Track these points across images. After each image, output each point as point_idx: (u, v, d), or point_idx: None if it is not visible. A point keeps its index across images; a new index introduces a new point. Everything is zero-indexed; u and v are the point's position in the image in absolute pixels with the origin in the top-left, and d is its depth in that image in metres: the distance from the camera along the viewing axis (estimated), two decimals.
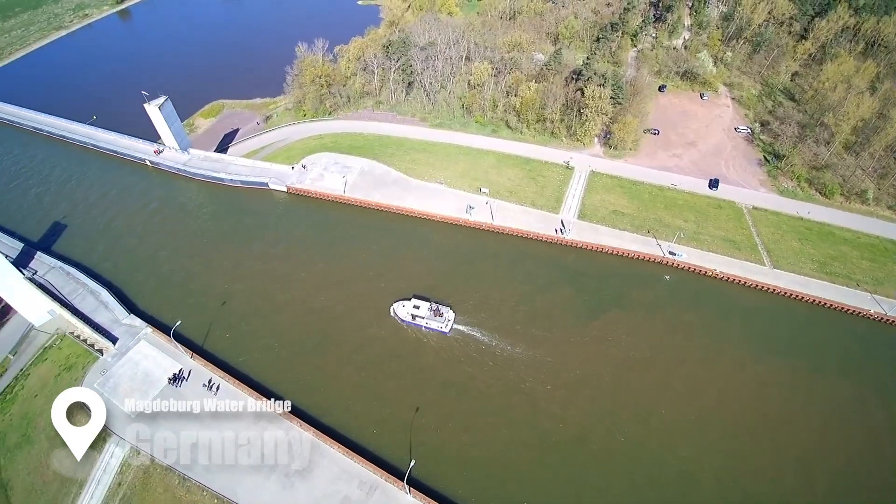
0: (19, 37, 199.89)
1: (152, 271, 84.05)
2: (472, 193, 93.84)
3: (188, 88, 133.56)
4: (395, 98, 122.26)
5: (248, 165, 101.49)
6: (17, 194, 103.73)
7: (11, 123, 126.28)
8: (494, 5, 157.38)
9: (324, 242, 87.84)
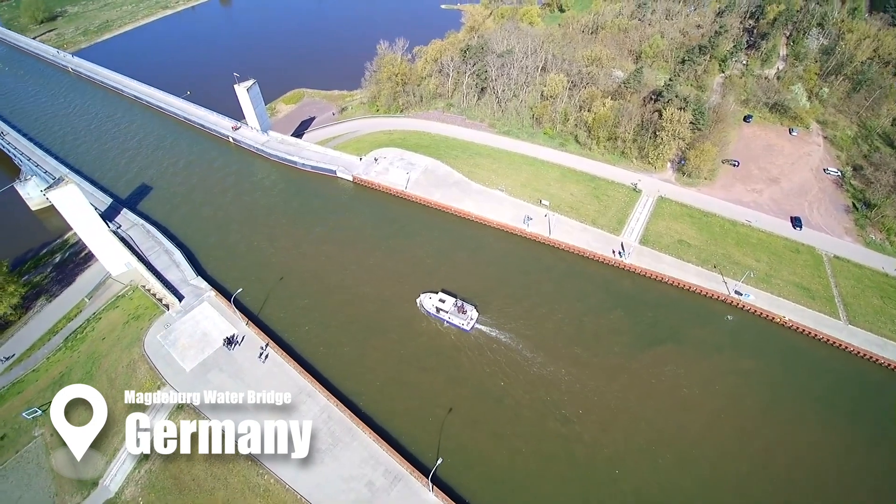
0: (129, 12, 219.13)
1: (222, 239, 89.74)
2: (532, 204, 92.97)
3: (275, 75, 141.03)
4: (466, 102, 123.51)
5: (320, 152, 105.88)
6: (114, 154, 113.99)
7: (116, 90, 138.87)
8: (577, 19, 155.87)
9: (381, 234, 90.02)
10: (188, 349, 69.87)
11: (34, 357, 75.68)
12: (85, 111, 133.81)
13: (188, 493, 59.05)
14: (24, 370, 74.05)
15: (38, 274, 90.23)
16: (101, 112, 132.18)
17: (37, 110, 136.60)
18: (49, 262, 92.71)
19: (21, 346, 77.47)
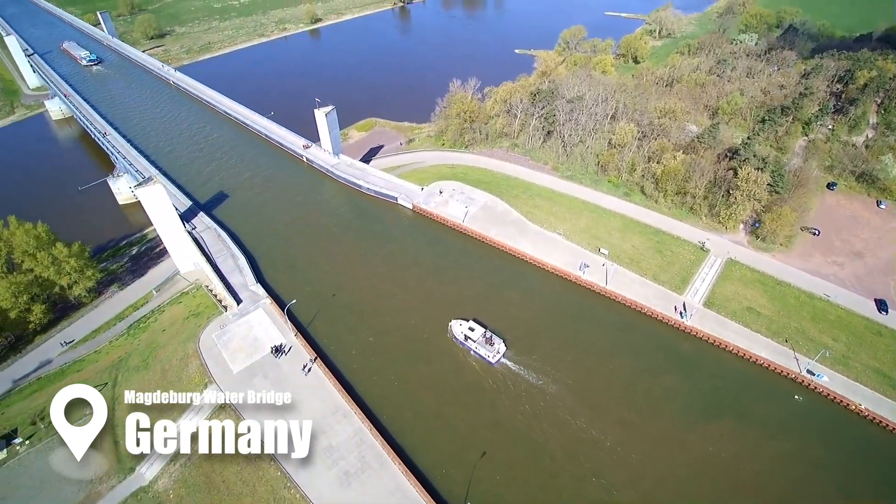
0: (229, 37, 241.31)
1: (284, 251, 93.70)
2: (590, 252, 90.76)
3: (351, 103, 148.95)
4: (531, 143, 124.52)
5: (385, 179, 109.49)
6: (200, 162, 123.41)
7: (209, 105, 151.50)
8: (652, 70, 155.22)
9: (434, 264, 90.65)
10: (238, 352, 72.15)
11: (98, 339, 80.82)
12: (179, 121, 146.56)
13: (216, 494, 59.52)
14: (88, 350, 79.02)
15: (114, 263, 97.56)
16: (194, 123, 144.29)
17: (137, 115, 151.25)
18: (126, 253, 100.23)
19: (88, 328, 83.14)
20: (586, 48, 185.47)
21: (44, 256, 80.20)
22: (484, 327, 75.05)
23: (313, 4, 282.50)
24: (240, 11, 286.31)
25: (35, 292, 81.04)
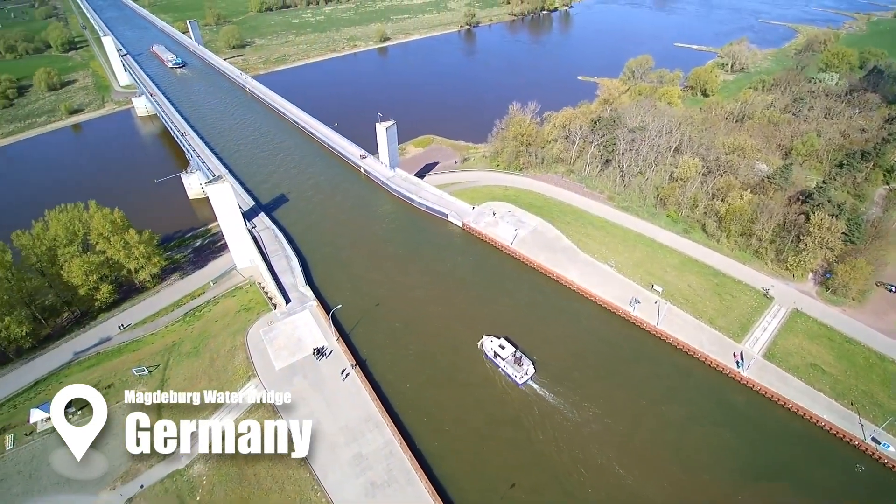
0: (303, 51, 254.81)
1: (335, 256, 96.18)
2: (642, 287, 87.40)
3: (410, 119, 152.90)
4: (587, 171, 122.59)
5: (437, 195, 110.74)
6: (265, 165, 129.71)
7: (278, 112, 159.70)
8: (721, 105, 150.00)
9: (478, 283, 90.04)
10: (282, 350, 74.15)
11: (156, 323, 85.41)
12: (250, 125, 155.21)
13: (246, 487, 60.58)
14: (145, 332, 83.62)
15: (179, 252, 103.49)
16: (263, 128, 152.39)
17: (213, 117, 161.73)
18: (191, 244, 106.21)
19: (148, 311, 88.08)
20: (652, 78, 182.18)
21: (117, 240, 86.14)
22: (515, 347, 74.38)
23: (383, 24, 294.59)
24: (315, 27, 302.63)
25: (104, 273, 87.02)
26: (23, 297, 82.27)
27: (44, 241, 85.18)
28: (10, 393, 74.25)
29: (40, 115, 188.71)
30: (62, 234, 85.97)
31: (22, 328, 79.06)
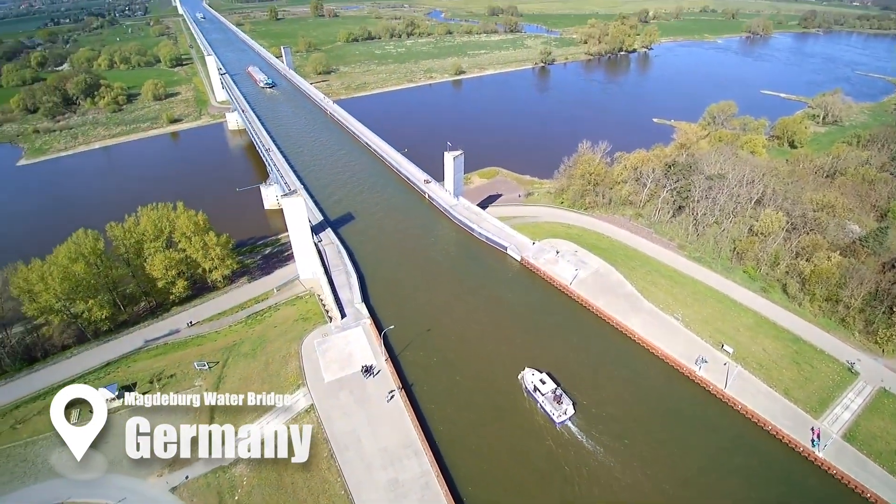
0: (382, 80, 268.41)
1: (392, 277, 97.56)
2: (711, 346, 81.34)
3: (478, 150, 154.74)
4: (658, 216, 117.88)
5: (498, 227, 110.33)
6: (337, 183, 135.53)
7: (354, 135, 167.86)
8: (810, 158, 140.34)
9: (532, 322, 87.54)
10: (332, 363, 75.43)
11: (221, 321, 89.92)
12: (327, 145, 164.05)
13: (282, 494, 60.96)
14: (210, 329, 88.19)
15: (249, 258, 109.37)
16: (338, 148, 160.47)
17: (294, 134, 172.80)
18: (261, 252, 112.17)
19: (215, 309, 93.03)
20: (735, 125, 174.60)
21: (197, 241, 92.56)
22: (556, 384, 71.64)
23: (460, 58, 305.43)
24: (396, 59, 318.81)
25: (182, 269, 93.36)
26: (108, 284, 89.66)
27: (133, 235, 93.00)
28: (84, 370, 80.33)
29: (144, 122, 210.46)
30: (151, 229, 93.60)
31: (103, 311, 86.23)
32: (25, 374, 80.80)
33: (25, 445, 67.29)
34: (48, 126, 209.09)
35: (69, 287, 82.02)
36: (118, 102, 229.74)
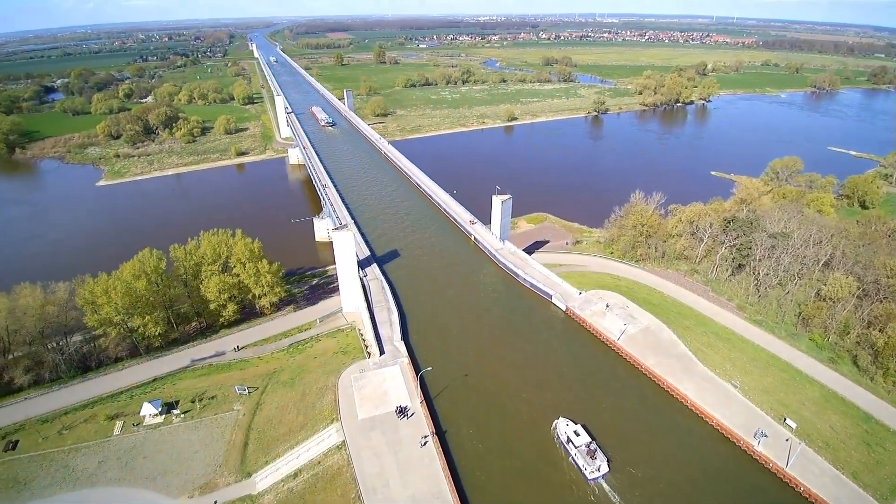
0: (436, 123, 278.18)
1: (432, 317, 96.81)
2: (772, 419, 74.37)
3: (526, 195, 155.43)
4: (715, 274, 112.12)
5: (543, 274, 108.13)
6: (385, 220, 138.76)
7: (405, 174, 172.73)
8: (884, 220, 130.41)
9: (575, 375, 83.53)
10: (367, 400, 74.60)
11: (265, 348, 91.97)
12: (379, 183, 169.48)
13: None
14: (253, 354, 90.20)
15: (297, 287, 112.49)
16: (389, 187, 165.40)
17: (348, 170, 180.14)
18: (308, 282, 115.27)
19: (260, 335, 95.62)
20: (800, 182, 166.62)
21: (251, 267, 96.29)
22: (592, 437, 67.57)
23: (513, 105, 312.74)
24: (450, 104, 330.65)
25: (233, 294, 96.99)
26: (164, 302, 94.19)
27: (194, 257, 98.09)
28: (131, 384, 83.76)
29: (214, 153, 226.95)
30: (210, 253, 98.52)
31: (157, 328, 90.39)
32: (79, 381, 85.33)
33: (68, 452, 69.91)
34: (128, 152, 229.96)
35: (129, 302, 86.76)
36: (193, 134, 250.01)
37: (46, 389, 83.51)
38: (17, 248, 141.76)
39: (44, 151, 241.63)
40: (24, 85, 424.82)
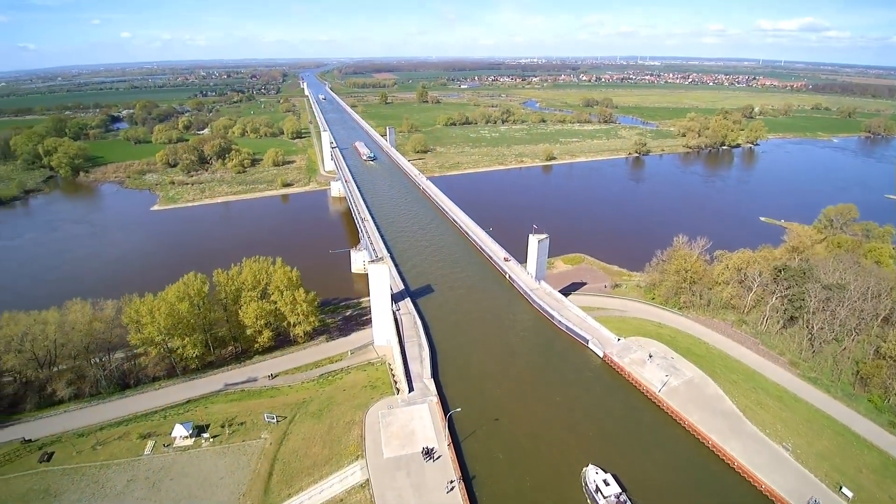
0: (474, 161, 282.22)
1: (464, 356, 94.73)
2: (827, 487, 67.78)
3: (563, 234, 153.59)
4: (765, 326, 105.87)
5: (580, 317, 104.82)
6: (421, 255, 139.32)
7: (441, 210, 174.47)
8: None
9: (611, 427, 78.74)
10: (394, 438, 72.97)
11: (295, 376, 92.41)
12: (415, 217, 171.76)
13: None
14: (283, 383, 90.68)
15: (330, 317, 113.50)
16: (426, 221, 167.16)
17: (388, 205, 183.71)
18: (342, 313, 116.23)
19: (292, 364, 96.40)
20: (856, 231, 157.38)
21: (288, 295, 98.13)
22: (622, 489, 63.54)
23: (551, 145, 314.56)
24: (489, 143, 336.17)
25: (269, 320, 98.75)
26: (204, 325, 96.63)
27: (235, 283, 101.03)
28: (166, 404, 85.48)
29: (262, 183, 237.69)
30: (250, 280, 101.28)
31: (195, 350, 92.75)
32: (117, 397, 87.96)
33: (100, 468, 71.21)
34: (183, 179, 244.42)
35: (171, 323, 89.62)
36: (243, 165, 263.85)
37: (85, 404, 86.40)
38: (76, 264, 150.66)
39: (105, 176, 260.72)
40: (92, 113, 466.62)
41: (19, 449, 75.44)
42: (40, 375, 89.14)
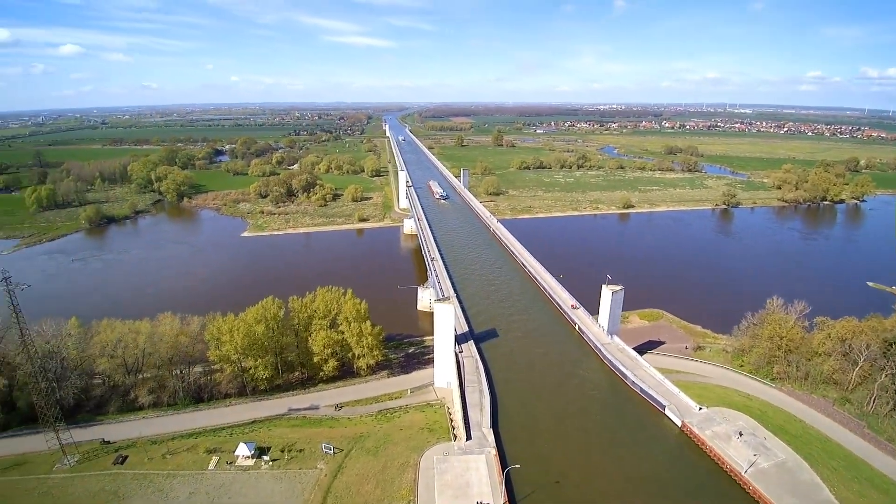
0: (547, 206, 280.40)
1: (526, 409, 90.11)
2: None
3: (641, 286, 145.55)
4: (873, 407, 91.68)
5: (656, 379, 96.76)
6: (487, 298, 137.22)
7: (510, 252, 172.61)
8: None
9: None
10: (447, 487, 70.13)
11: (355, 409, 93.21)
12: (484, 258, 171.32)
13: None
14: (344, 415, 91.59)
15: (393, 353, 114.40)
16: (495, 264, 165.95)
17: (458, 244, 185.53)
18: (405, 349, 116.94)
19: (353, 396, 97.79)
20: None
21: (355, 327, 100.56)
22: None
23: (630, 193, 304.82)
24: (563, 188, 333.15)
25: (336, 350, 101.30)
26: (276, 348, 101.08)
27: (308, 310, 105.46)
28: (233, 422, 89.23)
29: (340, 217, 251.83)
30: (322, 308, 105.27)
31: (266, 372, 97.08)
32: (191, 410, 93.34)
33: (166, 477, 74.57)
34: (271, 210, 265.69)
35: (247, 343, 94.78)
36: (325, 199, 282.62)
37: (162, 413, 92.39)
38: (172, 280, 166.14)
39: (205, 202, 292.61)
40: (200, 146, 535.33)
41: (98, 449, 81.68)
42: (126, 381, 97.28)
